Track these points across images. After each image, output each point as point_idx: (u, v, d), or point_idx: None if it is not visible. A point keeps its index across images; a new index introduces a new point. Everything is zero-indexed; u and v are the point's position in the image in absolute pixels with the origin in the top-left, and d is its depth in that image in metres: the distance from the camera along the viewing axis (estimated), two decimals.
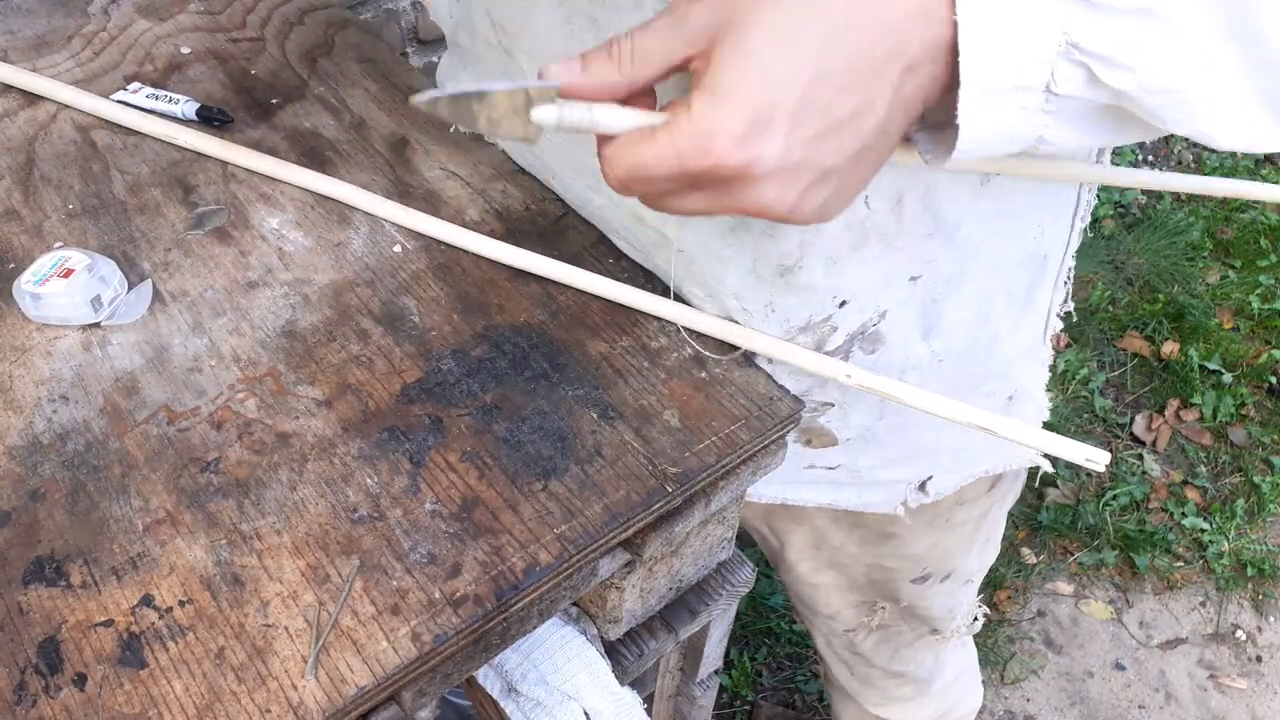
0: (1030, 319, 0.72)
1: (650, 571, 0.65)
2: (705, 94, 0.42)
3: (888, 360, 0.66)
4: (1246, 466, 1.99)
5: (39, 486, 0.56)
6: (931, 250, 0.62)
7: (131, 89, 0.80)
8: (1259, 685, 1.73)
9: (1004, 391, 0.75)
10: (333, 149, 0.77)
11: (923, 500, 0.78)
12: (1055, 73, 0.43)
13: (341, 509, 0.55)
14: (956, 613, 1.00)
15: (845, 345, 0.64)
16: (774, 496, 0.77)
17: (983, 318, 0.68)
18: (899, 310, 0.64)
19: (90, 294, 0.63)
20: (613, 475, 0.57)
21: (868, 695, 1.12)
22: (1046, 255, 0.69)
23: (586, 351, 0.64)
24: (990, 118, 0.44)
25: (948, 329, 0.67)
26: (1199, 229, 2.35)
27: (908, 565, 0.88)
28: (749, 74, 0.42)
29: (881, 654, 1.03)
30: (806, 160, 0.43)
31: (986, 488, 0.84)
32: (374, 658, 0.49)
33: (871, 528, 0.84)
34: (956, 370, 0.70)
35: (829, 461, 0.74)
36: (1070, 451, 0.57)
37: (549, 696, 0.66)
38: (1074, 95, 0.43)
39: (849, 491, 0.77)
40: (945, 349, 0.68)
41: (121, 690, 0.48)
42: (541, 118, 0.45)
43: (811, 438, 0.72)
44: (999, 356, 0.72)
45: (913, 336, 0.66)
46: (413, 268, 0.69)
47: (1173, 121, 0.44)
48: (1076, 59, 0.42)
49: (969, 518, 0.86)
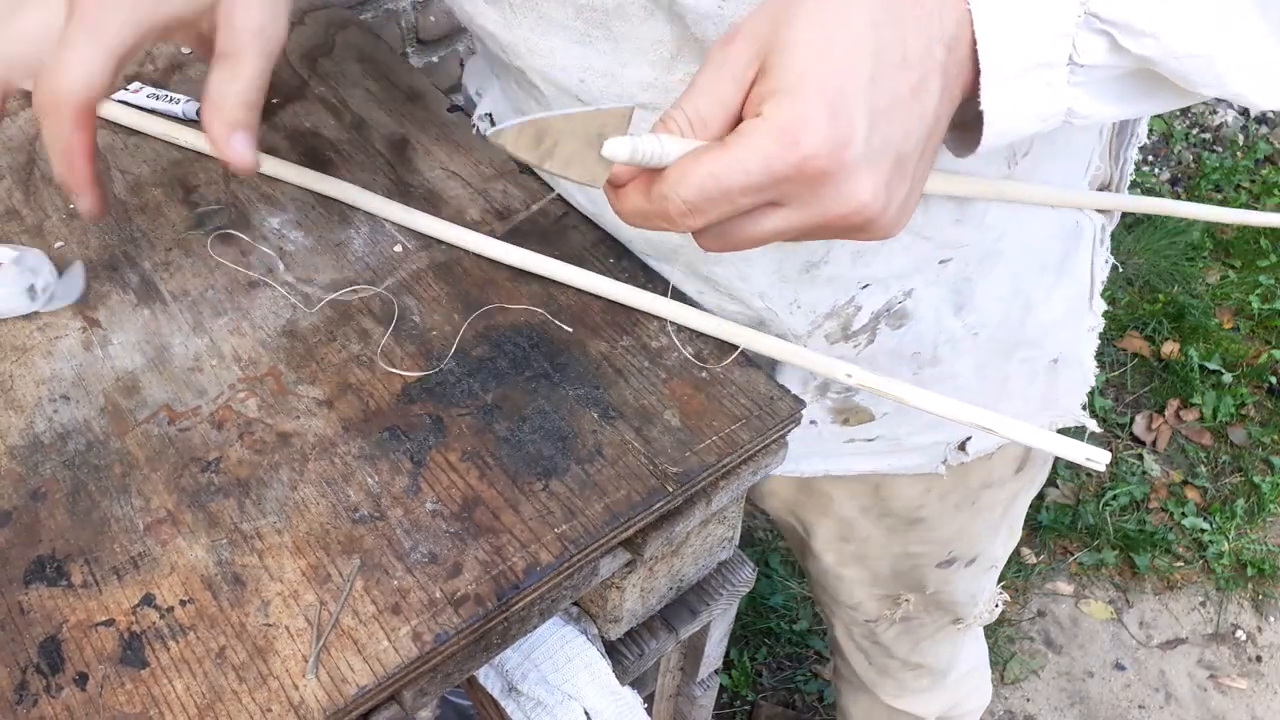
0: (1066, 285, 0.71)
1: (651, 571, 0.65)
2: (772, 98, 0.40)
3: (917, 334, 0.66)
4: (1246, 466, 1.99)
5: (40, 486, 0.56)
6: (961, 236, 0.61)
7: (132, 89, 0.80)
8: (1259, 685, 1.73)
9: (1044, 357, 0.74)
10: (333, 149, 0.77)
11: (963, 459, 0.78)
12: (1077, 43, 0.42)
13: (342, 508, 0.55)
14: (979, 599, 1.00)
15: (871, 323, 0.64)
16: (816, 470, 0.77)
17: (1015, 291, 0.68)
18: (927, 289, 0.64)
19: (23, 284, 0.64)
20: (613, 475, 0.57)
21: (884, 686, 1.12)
22: (1079, 223, 0.68)
23: (587, 351, 0.64)
24: (1016, 99, 0.43)
25: (981, 304, 0.66)
26: (1199, 229, 2.35)
27: (934, 550, 0.88)
28: (811, 64, 0.39)
29: (902, 645, 1.03)
30: (888, 144, 0.41)
31: (1014, 469, 0.84)
32: (375, 657, 0.49)
33: (900, 515, 0.84)
34: (990, 340, 0.69)
35: (868, 435, 0.74)
36: (1070, 451, 0.56)
37: (549, 696, 0.66)
38: (1099, 64, 0.42)
39: (889, 459, 0.77)
40: (979, 322, 0.67)
41: (122, 690, 0.48)
42: (614, 151, 0.41)
43: (849, 417, 0.72)
44: (1033, 324, 0.71)
45: (944, 312, 0.65)
46: (413, 267, 0.69)
47: (1203, 84, 0.43)
48: (1098, 28, 0.41)
49: (996, 501, 0.87)
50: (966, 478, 0.81)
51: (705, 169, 0.39)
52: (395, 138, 0.79)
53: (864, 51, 0.40)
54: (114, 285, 0.67)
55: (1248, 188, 2.53)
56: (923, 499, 0.82)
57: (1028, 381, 0.75)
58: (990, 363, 0.71)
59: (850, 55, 0.40)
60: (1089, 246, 0.71)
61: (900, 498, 0.82)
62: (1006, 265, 0.65)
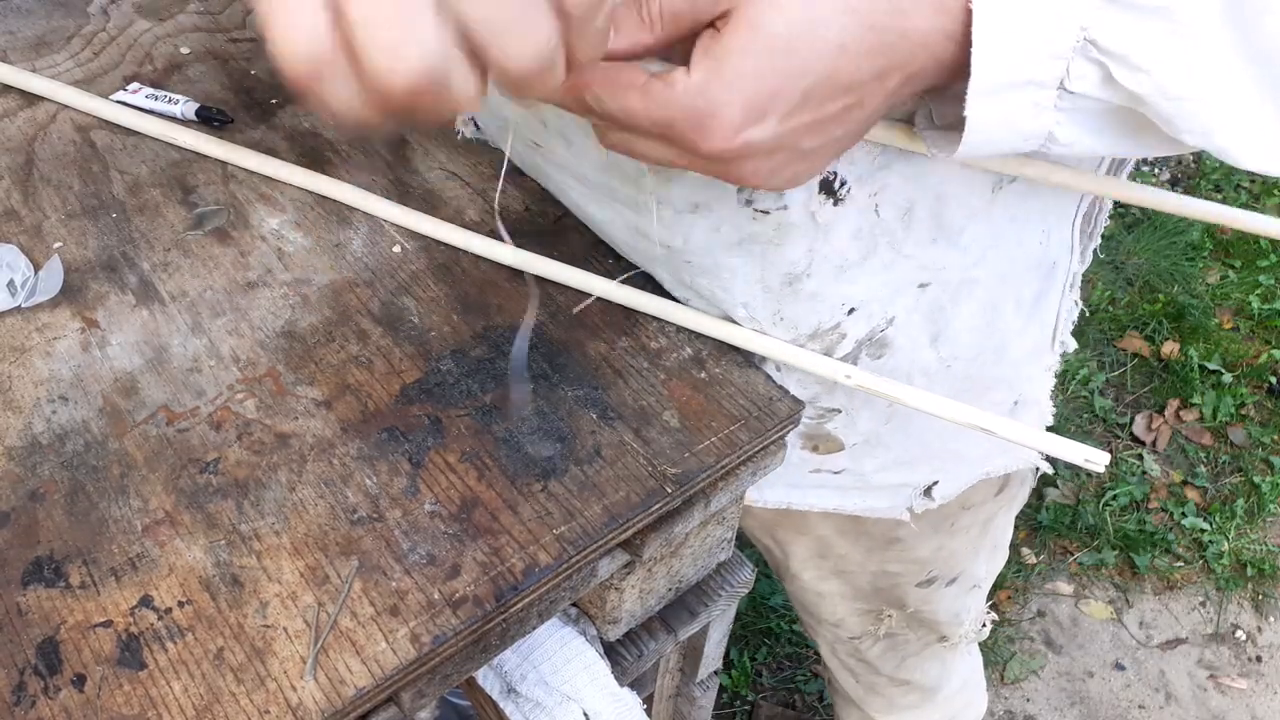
0: (1036, 325, 0.71)
1: (650, 572, 0.65)
2: (710, 64, 0.41)
3: (894, 365, 0.66)
4: (1246, 466, 1.99)
5: (38, 487, 0.56)
6: (938, 257, 0.61)
7: (131, 89, 0.80)
8: (1259, 685, 1.73)
9: (1009, 398, 0.74)
10: (332, 149, 0.77)
11: (928, 505, 0.78)
12: (1071, 69, 0.42)
13: (341, 510, 0.55)
14: (964, 618, 0.99)
15: (854, 352, 0.64)
16: (779, 501, 0.77)
17: (991, 326, 0.68)
18: (907, 317, 0.64)
19: (1, 281, 0.64)
20: (612, 476, 0.57)
21: (873, 703, 1.11)
22: (1055, 261, 0.68)
23: (586, 352, 0.64)
24: (1000, 112, 0.43)
25: (955, 335, 0.67)
26: (1199, 229, 2.35)
27: (913, 569, 0.88)
28: (760, 59, 0.41)
29: (888, 662, 1.03)
30: (789, 144, 0.43)
31: (993, 492, 0.84)
32: (373, 659, 0.49)
33: (876, 535, 0.84)
34: (963, 376, 0.69)
35: (834, 466, 0.74)
36: (1070, 452, 0.56)
37: (548, 697, 0.66)
38: (1088, 94, 0.43)
39: (854, 496, 0.77)
40: (952, 354, 0.68)
41: (120, 691, 0.48)
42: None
43: (818, 444, 0.72)
44: (1006, 362, 0.71)
45: (920, 342, 0.66)
46: (412, 268, 0.68)
47: (1188, 132, 0.43)
48: (1094, 56, 0.41)
49: (974, 522, 0.86)
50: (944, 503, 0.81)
51: (623, 101, 0.42)
52: (394, 138, 0.79)
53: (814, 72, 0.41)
54: (112, 286, 0.67)
55: (1248, 188, 2.53)
56: (897, 522, 0.81)
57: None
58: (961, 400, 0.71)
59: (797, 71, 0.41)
60: (1060, 289, 0.71)
61: (875, 521, 0.81)
62: (982, 295, 0.65)
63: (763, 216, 0.56)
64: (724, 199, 0.56)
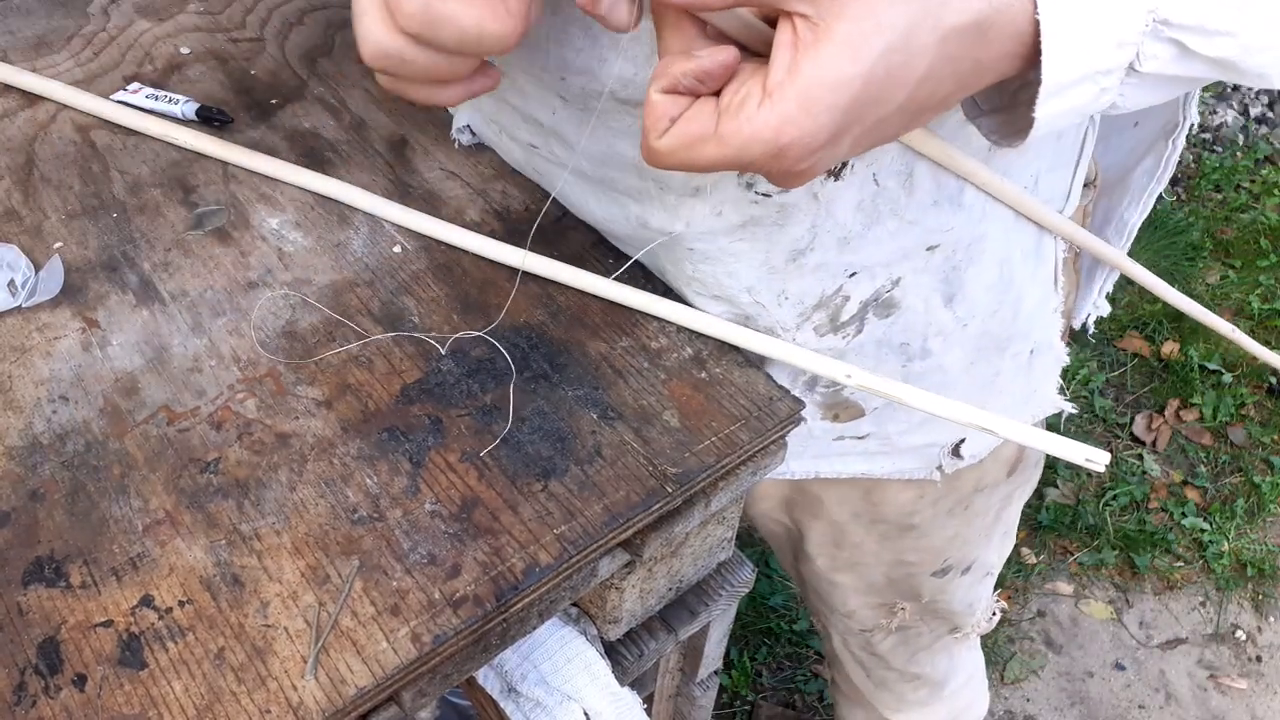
0: (1042, 271, 0.71)
1: (650, 572, 0.65)
2: (798, 93, 0.39)
3: (905, 325, 0.66)
4: (1246, 466, 1.99)
5: (38, 487, 0.56)
6: (944, 219, 0.61)
7: (131, 89, 0.80)
8: (1259, 685, 1.73)
9: (1026, 348, 0.74)
10: (332, 149, 0.77)
11: (958, 465, 0.78)
12: (1142, 51, 0.42)
13: (341, 509, 0.55)
14: (976, 608, 0.99)
15: (859, 313, 0.64)
16: (806, 471, 0.77)
17: (1007, 280, 0.68)
18: (915, 278, 0.64)
19: (2, 281, 0.64)
20: (612, 476, 0.57)
21: (882, 699, 1.11)
22: (1047, 202, 0.68)
23: (586, 352, 0.64)
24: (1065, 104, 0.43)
25: (972, 295, 0.66)
26: (1199, 229, 2.35)
27: (929, 558, 0.88)
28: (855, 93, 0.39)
29: (899, 656, 1.03)
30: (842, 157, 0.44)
31: (1006, 472, 0.84)
32: (374, 658, 0.49)
33: (891, 521, 0.84)
34: (980, 333, 0.69)
35: (858, 432, 0.73)
36: (1070, 452, 0.56)
37: (549, 697, 0.66)
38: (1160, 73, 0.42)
39: (881, 460, 0.77)
40: (969, 313, 0.67)
41: (121, 691, 0.48)
42: None
43: (839, 412, 0.71)
44: (1023, 315, 0.71)
45: (934, 302, 0.66)
46: (412, 268, 0.68)
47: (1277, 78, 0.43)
48: (1166, 36, 0.41)
49: (989, 506, 0.86)
50: (958, 482, 0.81)
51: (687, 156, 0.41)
52: (394, 138, 0.79)
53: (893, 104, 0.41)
54: (113, 286, 0.67)
55: (1248, 188, 2.53)
56: (914, 505, 0.81)
57: (1015, 376, 0.75)
58: (982, 359, 0.71)
59: (876, 107, 0.40)
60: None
61: (891, 503, 0.81)
62: (993, 251, 0.65)
63: (764, 200, 0.57)
64: (725, 181, 0.57)
